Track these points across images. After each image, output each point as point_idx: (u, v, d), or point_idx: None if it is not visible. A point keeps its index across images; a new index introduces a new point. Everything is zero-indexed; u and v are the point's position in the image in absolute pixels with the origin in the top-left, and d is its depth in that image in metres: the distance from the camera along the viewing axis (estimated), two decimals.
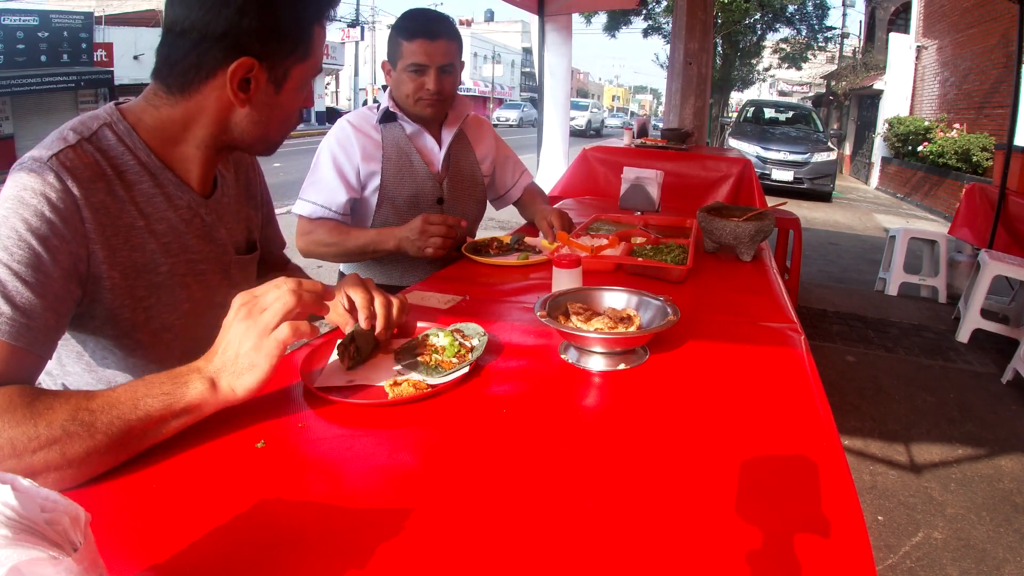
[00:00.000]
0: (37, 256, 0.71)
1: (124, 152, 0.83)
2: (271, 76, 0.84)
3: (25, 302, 0.69)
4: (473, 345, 0.95)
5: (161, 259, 0.86)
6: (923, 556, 1.93)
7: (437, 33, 1.55)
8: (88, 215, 0.77)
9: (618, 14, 15.67)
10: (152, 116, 0.85)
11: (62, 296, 0.74)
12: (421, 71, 1.57)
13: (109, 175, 0.80)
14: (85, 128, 0.81)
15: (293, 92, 0.88)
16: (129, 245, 0.82)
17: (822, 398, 0.86)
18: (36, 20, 13.85)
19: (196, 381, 0.68)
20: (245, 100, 0.84)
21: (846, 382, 3.18)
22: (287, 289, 0.72)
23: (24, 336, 0.68)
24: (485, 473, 0.67)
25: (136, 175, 0.83)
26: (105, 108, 0.86)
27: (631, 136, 4.53)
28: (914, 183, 10.56)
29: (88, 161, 0.78)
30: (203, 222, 0.92)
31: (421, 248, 1.47)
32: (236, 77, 0.81)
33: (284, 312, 0.71)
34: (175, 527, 0.57)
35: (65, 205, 0.74)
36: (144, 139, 0.84)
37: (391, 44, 1.60)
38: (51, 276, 0.72)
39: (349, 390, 0.84)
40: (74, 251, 0.75)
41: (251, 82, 0.83)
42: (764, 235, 1.62)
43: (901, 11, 15.28)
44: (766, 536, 0.58)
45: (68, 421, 0.62)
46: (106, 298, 0.81)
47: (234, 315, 0.72)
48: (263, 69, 0.83)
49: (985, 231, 4.30)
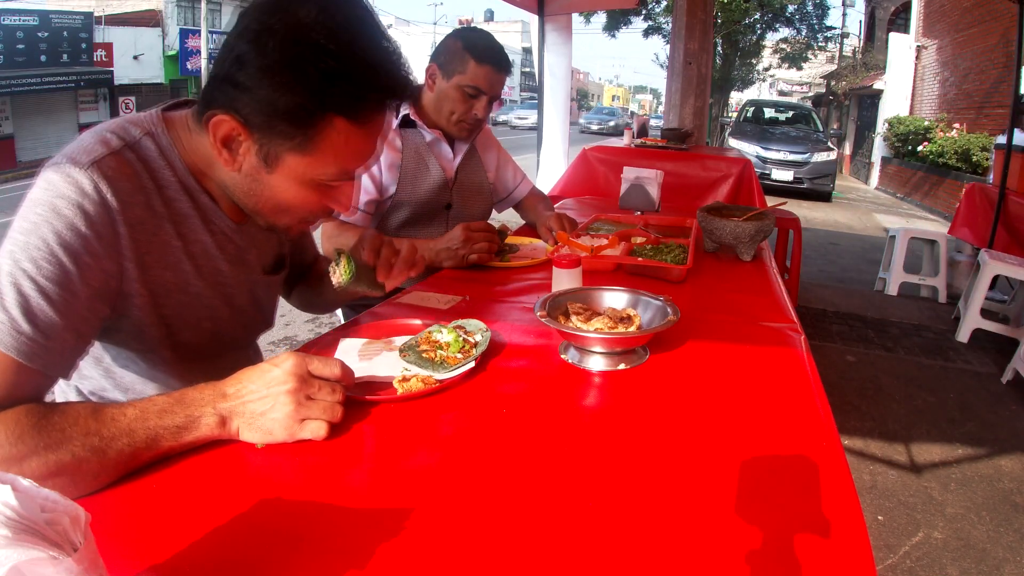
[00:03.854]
0: (66, 272, 0.67)
1: (164, 167, 0.78)
2: (260, 151, 0.75)
3: (47, 321, 0.65)
4: (476, 341, 0.95)
5: (193, 280, 0.84)
6: (923, 556, 1.93)
7: (505, 67, 1.58)
8: (124, 231, 0.73)
9: (618, 14, 15.67)
10: (188, 138, 0.81)
11: (86, 316, 0.70)
12: (476, 95, 1.57)
13: (149, 188, 0.77)
14: (127, 134, 0.76)
15: (289, 181, 0.77)
16: (163, 263, 0.79)
17: (822, 398, 0.86)
18: (36, 20, 13.87)
19: (209, 416, 0.68)
20: (231, 162, 0.76)
21: (846, 382, 3.18)
22: (338, 400, 0.73)
23: (41, 358, 0.65)
24: (485, 473, 0.67)
25: (175, 192, 0.80)
26: (149, 115, 0.81)
27: (631, 136, 4.53)
28: (914, 183, 10.56)
29: (129, 172, 0.74)
30: (236, 247, 0.89)
31: (464, 256, 1.45)
32: (217, 132, 0.74)
33: (329, 420, 0.71)
34: (175, 527, 0.57)
35: (101, 219, 0.70)
36: (183, 157, 0.80)
37: (452, 54, 1.56)
38: (77, 295, 0.68)
39: (357, 386, 0.83)
40: (106, 268, 0.72)
41: (238, 146, 0.75)
42: (764, 235, 1.62)
43: (901, 11, 15.27)
44: (766, 536, 0.58)
45: (79, 448, 0.61)
46: (135, 315, 0.79)
47: (282, 379, 0.69)
48: (251, 138, 0.74)
49: (985, 231, 4.30)
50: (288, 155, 0.75)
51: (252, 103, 0.71)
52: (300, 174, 0.77)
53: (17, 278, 0.65)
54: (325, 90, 0.70)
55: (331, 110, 0.72)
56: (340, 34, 0.70)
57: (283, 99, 0.70)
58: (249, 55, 0.70)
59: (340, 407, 0.73)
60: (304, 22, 0.69)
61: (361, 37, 0.72)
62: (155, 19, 17.00)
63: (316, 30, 0.69)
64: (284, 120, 0.72)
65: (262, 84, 0.70)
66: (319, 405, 0.71)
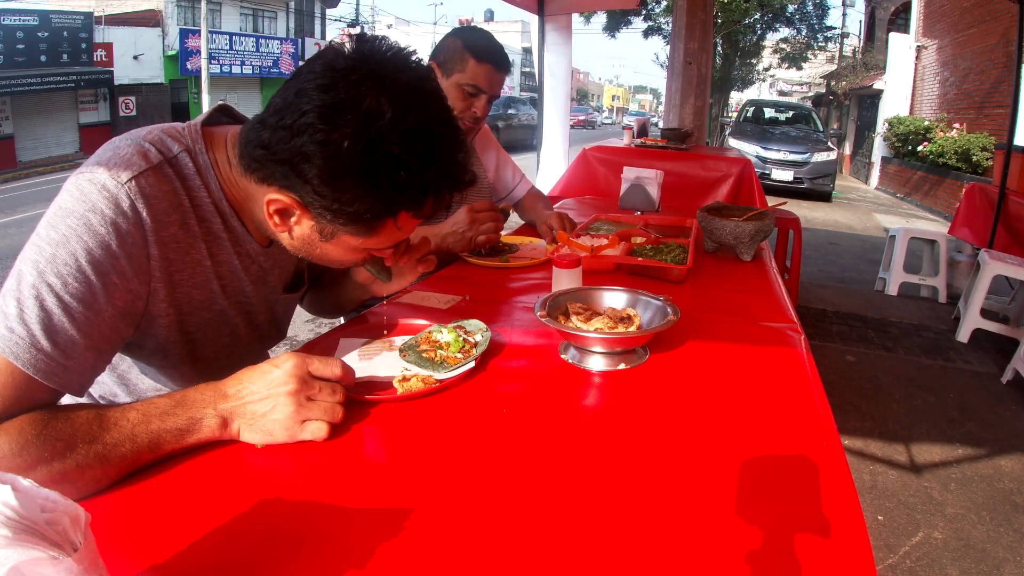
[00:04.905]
0: (92, 291, 0.66)
1: (200, 187, 0.77)
2: (317, 226, 0.75)
3: (67, 340, 0.64)
4: (476, 340, 0.95)
5: (218, 299, 0.84)
6: (923, 556, 1.93)
7: (505, 66, 1.58)
8: (155, 251, 0.72)
9: (618, 14, 15.66)
10: (227, 169, 0.79)
11: (108, 336, 0.69)
12: (476, 94, 1.57)
13: (185, 207, 0.76)
14: (166, 148, 0.75)
15: (341, 249, 0.79)
16: (192, 282, 0.79)
17: (822, 398, 0.86)
18: (36, 20, 13.88)
19: (210, 418, 0.68)
20: (284, 228, 0.76)
21: (846, 382, 3.18)
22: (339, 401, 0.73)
23: (58, 377, 0.64)
24: (485, 473, 0.67)
25: (209, 213, 0.79)
26: (189, 128, 0.79)
27: (631, 136, 4.53)
28: (914, 183, 10.56)
29: (167, 189, 0.73)
30: (260, 268, 0.89)
31: (472, 238, 1.45)
32: (272, 205, 0.73)
33: (330, 421, 0.71)
34: (175, 527, 0.57)
35: (134, 239, 0.69)
36: (219, 180, 0.79)
37: (451, 52, 1.56)
38: (102, 314, 0.67)
39: (357, 386, 0.83)
40: (134, 289, 0.71)
41: (292, 216, 0.75)
42: (764, 235, 1.62)
43: (901, 11, 15.28)
44: (766, 536, 0.58)
45: (82, 456, 0.61)
46: (160, 334, 0.79)
47: (283, 380, 0.69)
48: (308, 216, 0.73)
49: (985, 231, 4.30)
50: (346, 236, 0.75)
51: (315, 195, 0.69)
52: (354, 247, 0.79)
53: (41, 292, 0.63)
54: (395, 198, 0.70)
55: (397, 212, 0.73)
56: (416, 144, 0.68)
57: (349, 203, 0.69)
58: (316, 155, 0.66)
59: (341, 408, 0.73)
60: (377, 125, 0.66)
61: (435, 143, 0.70)
62: (155, 19, 17.00)
63: (391, 137, 0.66)
64: (347, 217, 0.71)
65: (328, 185, 0.68)
66: (320, 406, 0.71)
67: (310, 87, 0.67)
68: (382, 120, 0.66)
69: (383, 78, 0.67)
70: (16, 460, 0.59)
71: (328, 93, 0.66)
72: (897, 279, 4.68)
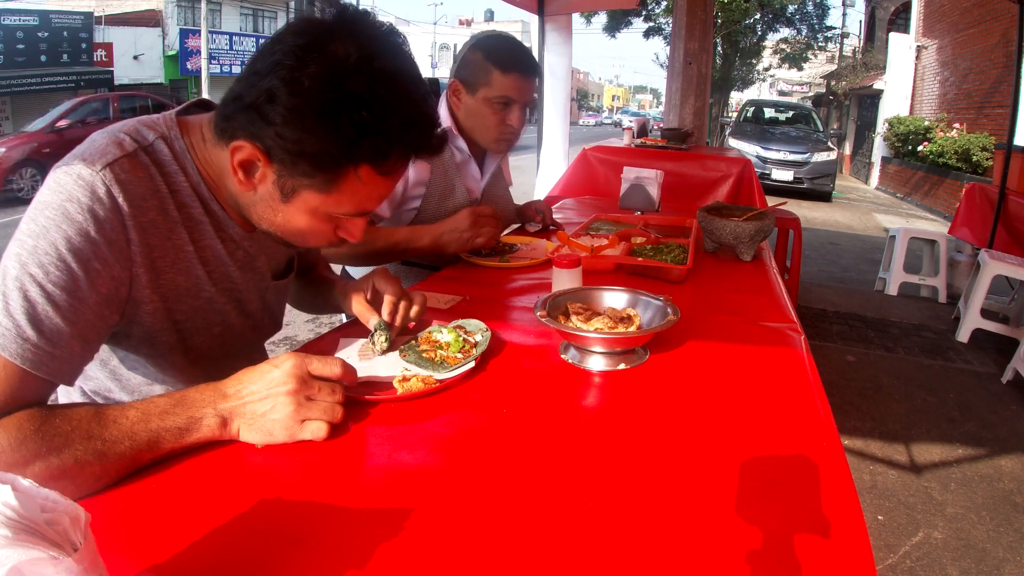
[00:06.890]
0: (74, 279, 0.66)
1: (178, 172, 0.77)
2: (278, 181, 0.74)
3: (53, 328, 0.65)
4: (476, 340, 0.95)
5: (205, 286, 0.84)
6: (923, 556, 1.93)
7: (532, 69, 1.49)
8: (135, 236, 0.72)
9: (618, 14, 15.66)
10: (203, 147, 0.80)
11: (94, 323, 0.69)
12: (508, 106, 1.49)
13: (163, 192, 0.76)
14: (141, 137, 0.75)
15: (303, 213, 0.77)
16: (175, 268, 0.79)
17: (822, 398, 0.86)
18: (36, 20, 13.88)
19: (210, 417, 0.68)
20: (248, 185, 0.75)
21: (846, 382, 3.18)
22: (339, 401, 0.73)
23: (46, 366, 0.64)
24: (485, 473, 0.67)
25: (188, 197, 0.79)
26: (164, 117, 0.80)
27: (631, 136, 4.53)
28: (914, 183, 10.56)
29: (143, 175, 0.73)
30: (246, 253, 0.89)
31: (471, 239, 1.43)
32: (236, 155, 0.72)
33: (329, 421, 0.71)
34: (175, 527, 0.57)
35: (112, 225, 0.69)
36: (197, 164, 0.79)
37: (474, 67, 1.48)
38: (86, 301, 0.67)
39: (357, 386, 0.83)
40: (116, 275, 0.71)
41: (256, 171, 0.74)
42: (764, 235, 1.62)
43: (901, 11, 15.28)
44: (766, 536, 0.58)
45: (81, 452, 0.61)
46: (146, 321, 0.79)
47: (282, 380, 0.69)
48: (270, 168, 0.73)
49: (985, 231, 4.31)
50: (306, 191, 0.74)
51: (277, 139, 0.69)
52: (315, 208, 0.76)
53: (24, 283, 0.64)
54: (356, 142, 0.69)
55: (358, 160, 0.71)
56: (378, 86, 0.68)
57: (311, 144, 0.69)
58: (281, 92, 0.67)
59: (340, 408, 0.73)
60: (343, 65, 0.67)
61: (399, 89, 0.70)
62: (155, 19, 17.01)
63: (354, 78, 0.67)
64: (308, 162, 0.71)
65: (291, 124, 0.68)
66: (319, 406, 0.71)
67: (286, 34, 0.70)
68: (348, 62, 0.67)
69: (356, 31, 0.70)
70: (14, 455, 0.59)
71: (300, 37, 0.69)
72: (897, 279, 4.68)
